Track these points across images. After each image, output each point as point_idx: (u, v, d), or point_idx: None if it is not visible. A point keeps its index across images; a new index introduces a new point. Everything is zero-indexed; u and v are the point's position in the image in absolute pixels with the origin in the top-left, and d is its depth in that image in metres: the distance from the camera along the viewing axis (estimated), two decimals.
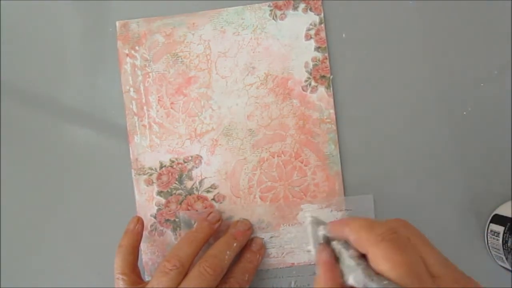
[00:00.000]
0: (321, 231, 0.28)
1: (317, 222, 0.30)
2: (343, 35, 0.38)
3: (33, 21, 0.40)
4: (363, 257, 0.25)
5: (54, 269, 0.39)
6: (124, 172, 0.38)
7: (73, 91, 0.39)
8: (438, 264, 0.23)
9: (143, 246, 0.38)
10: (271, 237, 0.37)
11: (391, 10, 0.37)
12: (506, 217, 0.34)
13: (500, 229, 0.34)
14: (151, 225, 0.38)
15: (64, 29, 0.40)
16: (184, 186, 0.38)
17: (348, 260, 0.25)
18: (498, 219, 0.35)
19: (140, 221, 0.36)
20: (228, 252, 0.34)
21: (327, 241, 0.27)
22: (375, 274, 0.23)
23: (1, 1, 0.40)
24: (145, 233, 0.38)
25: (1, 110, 0.40)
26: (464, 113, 0.37)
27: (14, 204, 0.40)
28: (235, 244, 0.35)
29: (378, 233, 0.23)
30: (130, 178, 0.38)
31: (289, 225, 0.37)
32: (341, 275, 0.25)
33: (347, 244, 0.26)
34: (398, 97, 0.37)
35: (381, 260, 0.22)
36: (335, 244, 0.27)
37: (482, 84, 0.37)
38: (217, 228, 0.36)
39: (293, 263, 0.37)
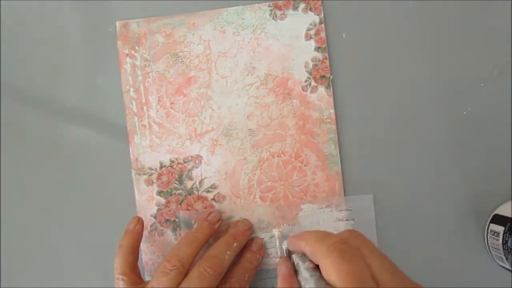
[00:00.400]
0: (285, 245, 0.31)
1: (283, 237, 0.34)
2: (343, 35, 0.38)
3: (33, 21, 0.40)
4: (317, 268, 0.26)
5: (54, 269, 0.39)
6: (124, 172, 0.38)
7: (73, 91, 0.39)
8: (384, 272, 0.24)
9: (143, 246, 0.38)
10: (271, 237, 0.37)
11: (391, 10, 0.37)
12: (506, 217, 0.34)
13: (500, 229, 0.34)
14: (151, 225, 0.38)
15: (64, 29, 0.40)
16: (184, 186, 0.38)
17: (304, 272, 0.26)
18: (498, 219, 0.35)
19: (140, 221, 0.36)
20: (228, 252, 0.34)
21: (289, 254, 0.30)
22: (326, 284, 0.24)
23: (1, 1, 0.40)
24: (145, 233, 0.38)
25: (1, 110, 0.40)
26: (464, 113, 0.37)
27: (14, 204, 0.40)
28: (235, 244, 0.35)
29: (328, 244, 0.24)
30: (130, 178, 0.38)
31: (289, 225, 0.37)
32: (300, 286, 0.27)
33: (304, 256, 0.28)
34: (398, 97, 0.37)
35: (330, 270, 0.23)
36: (294, 257, 0.28)
37: (482, 84, 0.37)
38: (217, 228, 0.36)
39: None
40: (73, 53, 0.39)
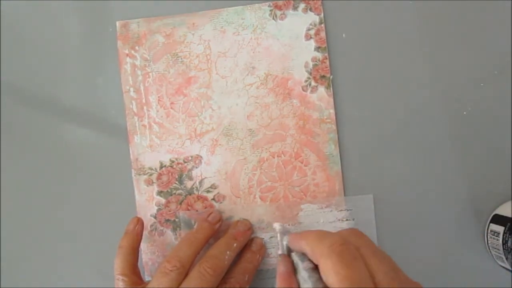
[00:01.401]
0: (285, 241, 0.30)
1: (283, 232, 0.33)
2: (343, 35, 0.38)
3: (33, 21, 0.40)
4: (316, 269, 0.25)
5: (54, 269, 0.39)
6: (124, 172, 0.38)
7: (73, 91, 0.39)
8: (384, 273, 0.23)
9: (143, 246, 0.38)
10: (271, 237, 0.37)
11: (391, 10, 0.37)
12: (506, 217, 0.34)
13: (500, 229, 0.34)
14: (151, 225, 0.38)
15: (64, 29, 0.40)
16: (184, 186, 0.38)
17: (303, 272, 0.26)
18: (498, 219, 0.35)
19: (140, 222, 0.36)
20: (228, 252, 0.34)
21: (289, 251, 0.29)
22: (324, 286, 0.24)
23: (1, 1, 0.40)
24: (145, 233, 0.38)
25: (1, 110, 0.40)
26: (464, 113, 0.37)
27: (14, 204, 0.40)
28: (235, 245, 0.35)
29: (327, 245, 0.24)
30: (130, 178, 0.38)
31: (289, 225, 0.37)
32: (298, 285, 0.26)
33: (303, 256, 0.27)
34: (398, 97, 0.37)
35: (329, 272, 0.23)
36: (293, 256, 0.28)
37: (482, 84, 0.37)
38: (217, 229, 0.36)
39: None
40: (73, 53, 0.39)
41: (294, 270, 0.28)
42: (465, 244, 0.37)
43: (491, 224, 0.36)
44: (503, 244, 0.33)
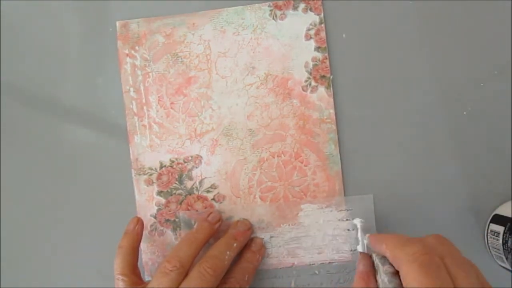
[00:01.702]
0: (366, 240, 0.30)
1: (364, 228, 0.33)
2: (343, 35, 0.38)
3: (33, 21, 0.40)
4: (397, 273, 0.25)
5: (54, 269, 0.39)
6: (124, 172, 0.38)
7: (73, 91, 0.39)
8: (468, 286, 0.23)
9: (143, 246, 0.38)
10: (271, 237, 0.37)
11: (391, 10, 0.37)
12: (506, 217, 0.34)
13: (500, 229, 0.34)
14: (151, 225, 0.38)
15: (64, 29, 0.40)
16: (184, 186, 0.38)
17: (383, 275, 0.26)
18: (498, 219, 0.35)
19: (139, 222, 0.36)
20: (228, 252, 0.34)
21: (369, 251, 0.29)
22: None
23: (1, 1, 0.40)
24: (145, 233, 0.38)
25: (1, 110, 0.40)
26: (464, 113, 0.37)
27: (13, 204, 0.40)
28: (235, 245, 0.35)
29: (410, 253, 0.24)
30: (130, 178, 0.38)
31: (289, 225, 0.37)
32: (377, 286, 0.26)
33: (384, 259, 0.27)
34: (398, 97, 0.37)
35: (411, 281, 0.23)
36: (374, 257, 0.28)
37: (482, 84, 0.37)
38: (217, 229, 0.36)
39: (293, 263, 0.37)
40: (73, 53, 0.39)
41: (373, 270, 0.28)
42: (465, 244, 0.37)
43: (491, 224, 0.36)
44: (503, 244, 0.33)
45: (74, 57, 0.39)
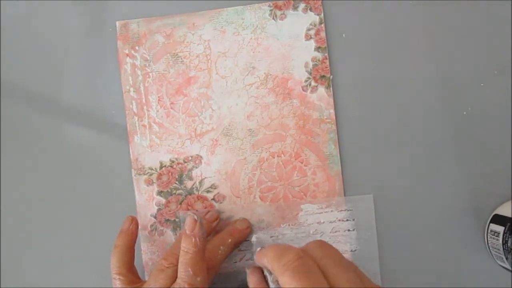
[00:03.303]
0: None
1: (258, 243, 0.35)
2: (343, 35, 0.38)
3: (33, 21, 0.40)
4: None
5: (54, 269, 0.39)
6: (124, 172, 0.38)
7: (73, 91, 0.39)
8: (346, 281, 0.24)
9: (143, 246, 0.38)
10: (271, 237, 0.37)
11: (391, 10, 0.37)
12: (506, 217, 0.34)
13: (500, 229, 0.34)
14: (151, 225, 0.38)
15: (64, 29, 0.40)
16: (184, 186, 0.38)
17: (271, 284, 0.27)
18: (498, 219, 0.35)
19: (134, 221, 0.36)
20: (222, 247, 0.34)
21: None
22: None
23: (1, 1, 0.40)
24: (145, 233, 0.38)
25: (1, 110, 0.40)
26: (464, 113, 0.37)
27: (13, 204, 0.40)
28: (230, 240, 0.35)
29: (284, 262, 0.24)
30: (130, 178, 0.38)
31: (289, 225, 0.37)
32: None
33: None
34: (398, 97, 0.37)
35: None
36: (264, 268, 0.29)
37: (482, 84, 0.37)
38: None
39: None
40: (73, 53, 0.39)
41: (264, 282, 0.29)
42: (465, 244, 0.37)
43: (491, 224, 0.36)
44: (503, 244, 0.33)
45: (74, 57, 0.39)
